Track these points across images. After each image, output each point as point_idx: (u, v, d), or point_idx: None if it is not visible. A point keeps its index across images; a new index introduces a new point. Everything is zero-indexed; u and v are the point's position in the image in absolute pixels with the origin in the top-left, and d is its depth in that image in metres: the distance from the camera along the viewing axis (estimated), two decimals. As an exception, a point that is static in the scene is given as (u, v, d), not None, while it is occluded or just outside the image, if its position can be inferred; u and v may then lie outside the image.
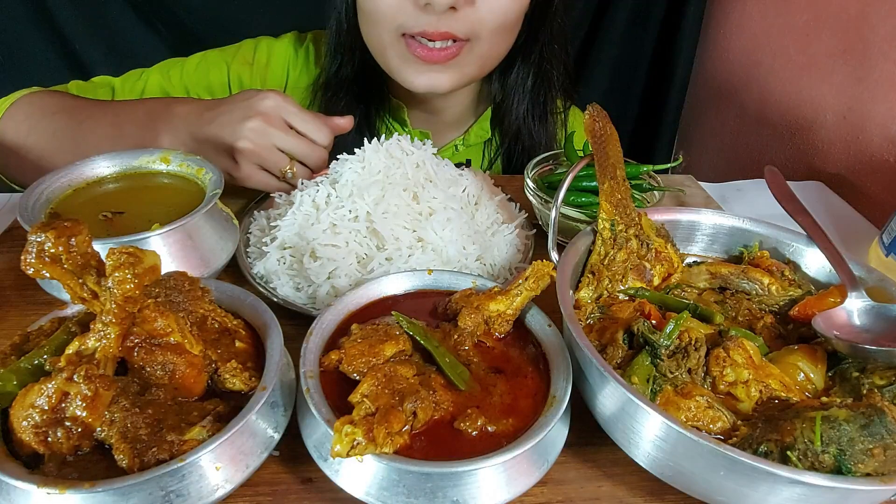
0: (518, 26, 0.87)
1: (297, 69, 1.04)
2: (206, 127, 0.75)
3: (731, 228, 0.66)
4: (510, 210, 0.79)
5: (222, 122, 0.74)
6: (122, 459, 0.39)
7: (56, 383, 0.39)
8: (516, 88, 0.98)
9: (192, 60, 1.03)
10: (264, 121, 0.73)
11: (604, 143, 0.65)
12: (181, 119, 0.78)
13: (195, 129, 0.76)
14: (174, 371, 0.44)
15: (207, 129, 0.75)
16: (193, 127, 0.76)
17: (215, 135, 0.74)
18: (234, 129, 0.73)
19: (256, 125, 0.72)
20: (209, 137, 0.75)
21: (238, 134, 0.72)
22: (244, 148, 0.73)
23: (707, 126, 1.55)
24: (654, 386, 0.47)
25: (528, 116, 0.99)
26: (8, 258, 0.70)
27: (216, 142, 0.74)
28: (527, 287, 0.54)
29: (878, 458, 0.40)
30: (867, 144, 1.03)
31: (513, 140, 1.02)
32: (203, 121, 0.76)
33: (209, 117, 0.75)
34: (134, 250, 0.40)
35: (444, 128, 1.05)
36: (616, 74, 1.56)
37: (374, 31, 0.85)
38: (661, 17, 1.50)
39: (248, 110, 0.73)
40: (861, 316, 0.54)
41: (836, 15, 1.10)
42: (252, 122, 0.72)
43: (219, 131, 0.74)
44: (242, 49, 1.04)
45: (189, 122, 0.77)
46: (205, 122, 0.75)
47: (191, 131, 0.76)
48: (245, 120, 0.73)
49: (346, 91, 0.97)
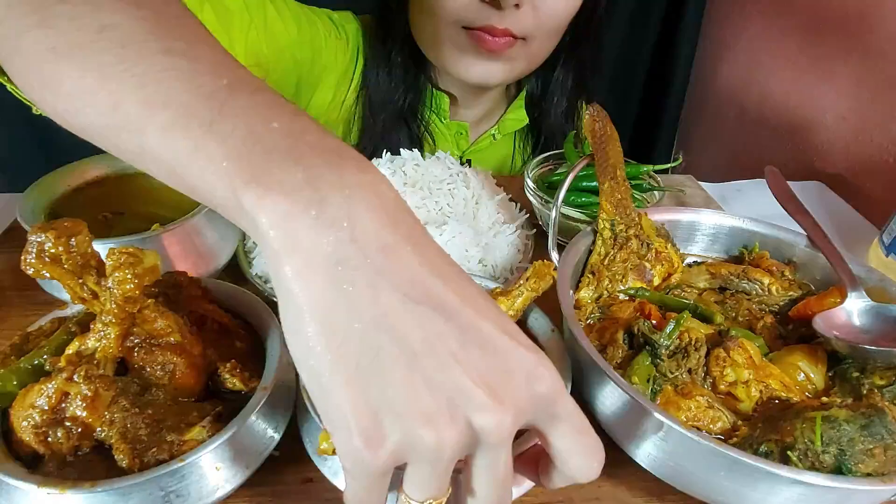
0: (565, 27, 0.88)
1: (349, 53, 0.95)
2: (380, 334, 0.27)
3: (731, 228, 0.66)
4: (511, 210, 0.79)
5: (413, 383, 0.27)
6: (122, 459, 0.39)
7: (56, 383, 0.39)
8: (555, 88, 0.99)
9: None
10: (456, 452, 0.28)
11: (604, 143, 0.65)
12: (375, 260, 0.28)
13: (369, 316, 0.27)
14: (174, 371, 0.44)
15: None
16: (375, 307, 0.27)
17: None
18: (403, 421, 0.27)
19: (438, 451, 0.27)
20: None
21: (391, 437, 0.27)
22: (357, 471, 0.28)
23: (707, 126, 1.55)
24: (655, 386, 0.47)
25: (564, 118, 1.01)
26: (8, 258, 0.70)
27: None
28: (528, 287, 0.53)
29: (879, 458, 0.40)
30: (867, 144, 1.03)
31: (549, 140, 1.03)
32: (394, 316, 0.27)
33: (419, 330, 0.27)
34: (134, 250, 0.40)
35: (480, 119, 1.05)
36: (616, 74, 1.56)
37: (430, 22, 0.84)
38: (661, 17, 1.50)
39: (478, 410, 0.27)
40: (861, 316, 0.54)
41: (836, 15, 1.10)
42: (442, 438, 0.27)
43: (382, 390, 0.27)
44: (318, 12, 0.91)
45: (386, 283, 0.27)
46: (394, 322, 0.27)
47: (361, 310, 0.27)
48: (443, 425, 0.27)
49: (389, 79, 0.93)
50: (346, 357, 0.26)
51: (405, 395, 0.26)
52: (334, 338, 0.26)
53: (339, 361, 0.26)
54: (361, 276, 0.27)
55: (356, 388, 0.26)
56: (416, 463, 0.28)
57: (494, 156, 1.08)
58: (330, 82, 0.93)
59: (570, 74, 0.98)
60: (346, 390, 0.26)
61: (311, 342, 0.27)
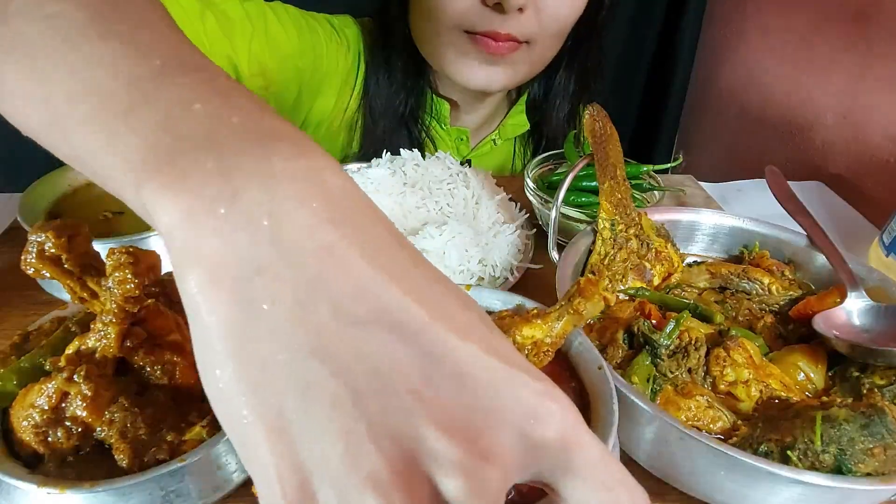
0: (568, 31, 0.87)
1: (350, 58, 0.94)
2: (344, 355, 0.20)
3: (731, 228, 0.66)
4: (511, 210, 0.79)
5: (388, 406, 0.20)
6: (122, 459, 0.39)
7: (56, 383, 0.39)
8: (558, 92, 0.98)
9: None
10: None
11: (604, 142, 0.65)
12: None
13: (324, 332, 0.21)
14: (174, 371, 0.44)
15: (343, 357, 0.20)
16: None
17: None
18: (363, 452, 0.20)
19: None
20: None
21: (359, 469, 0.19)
22: None
23: (707, 126, 1.55)
24: (655, 386, 0.47)
25: (566, 122, 1.00)
26: (8, 258, 0.70)
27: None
28: (570, 310, 0.40)
29: (879, 457, 0.40)
30: (867, 144, 1.03)
31: (551, 144, 1.03)
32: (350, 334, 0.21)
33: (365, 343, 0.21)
34: (134, 250, 0.40)
35: (480, 125, 1.05)
36: (616, 74, 1.56)
37: (431, 26, 0.82)
38: (661, 17, 1.50)
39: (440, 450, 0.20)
40: (861, 316, 0.54)
41: (836, 15, 1.10)
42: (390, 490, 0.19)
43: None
44: (318, 17, 0.90)
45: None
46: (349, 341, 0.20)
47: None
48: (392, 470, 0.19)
49: (390, 84, 0.91)
50: (267, 399, 0.20)
51: (343, 452, 0.19)
52: (250, 373, 0.20)
53: (257, 405, 0.20)
54: (286, 289, 0.20)
55: (280, 443, 0.20)
56: None
57: (495, 160, 1.08)
58: (332, 88, 0.92)
59: (572, 78, 0.98)
60: (267, 445, 0.20)
61: (222, 379, 0.20)
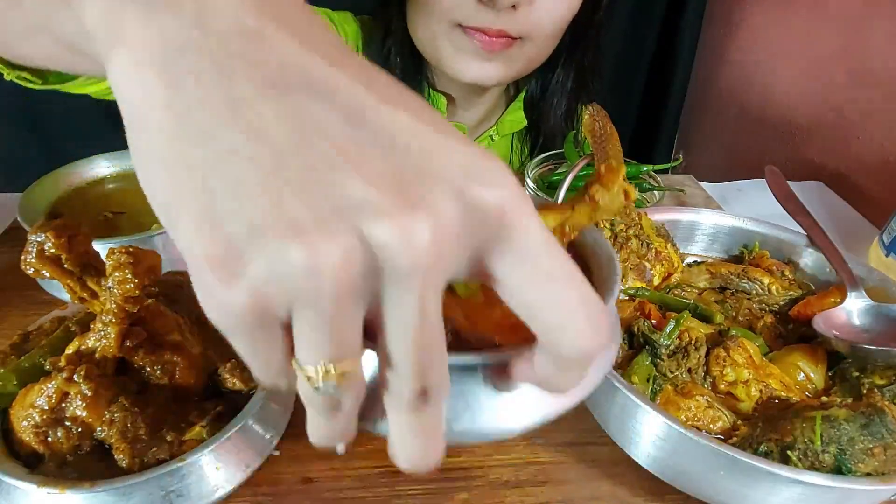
0: (564, 29, 0.87)
1: None
2: None
3: (731, 228, 0.66)
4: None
5: (307, 182, 0.19)
6: (122, 459, 0.39)
7: (56, 383, 0.39)
8: (555, 90, 0.98)
9: None
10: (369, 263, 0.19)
11: (603, 142, 0.65)
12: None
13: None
14: (174, 371, 0.44)
15: None
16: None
17: None
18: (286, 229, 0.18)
19: (333, 266, 0.18)
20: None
21: (274, 253, 0.18)
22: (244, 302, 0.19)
23: (707, 126, 1.55)
24: (654, 386, 0.47)
25: (564, 121, 1.00)
26: (8, 258, 0.70)
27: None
28: (585, 198, 0.32)
29: (879, 457, 0.40)
30: (867, 144, 1.03)
31: (549, 142, 1.02)
32: None
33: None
34: (134, 250, 0.40)
35: (478, 121, 1.05)
36: (616, 74, 1.56)
37: (426, 21, 0.83)
38: (661, 17, 1.50)
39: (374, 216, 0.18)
40: (861, 316, 0.54)
41: (836, 15, 1.10)
42: (323, 255, 0.18)
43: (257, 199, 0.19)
44: (318, 13, 0.94)
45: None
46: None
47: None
48: (323, 237, 0.18)
49: None
50: (192, 168, 0.19)
51: (265, 204, 0.18)
52: (174, 144, 0.19)
53: (182, 175, 0.19)
54: (208, 62, 0.20)
55: (202, 205, 0.19)
56: (296, 307, 0.19)
57: None
58: None
59: (570, 76, 0.97)
60: (190, 210, 0.19)
61: (148, 156, 0.20)
